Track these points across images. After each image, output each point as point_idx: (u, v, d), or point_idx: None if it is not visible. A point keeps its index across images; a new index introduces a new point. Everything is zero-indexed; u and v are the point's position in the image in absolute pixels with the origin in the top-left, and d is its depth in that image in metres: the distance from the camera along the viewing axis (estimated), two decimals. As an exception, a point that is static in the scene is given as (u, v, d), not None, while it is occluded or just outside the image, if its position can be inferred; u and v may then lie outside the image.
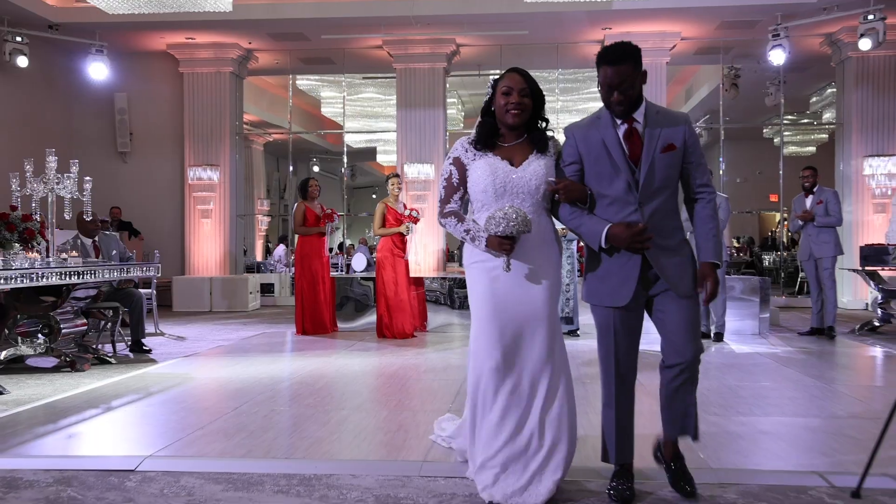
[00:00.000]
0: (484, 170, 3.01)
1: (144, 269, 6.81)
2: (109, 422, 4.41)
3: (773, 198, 18.19)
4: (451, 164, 3.12)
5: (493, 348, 2.92)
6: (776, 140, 15.86)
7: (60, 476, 3.27)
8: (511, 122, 3.01)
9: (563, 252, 7.80)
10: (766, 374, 5.75)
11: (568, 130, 3.05)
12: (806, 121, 17.38)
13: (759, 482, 3.15)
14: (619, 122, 2.92)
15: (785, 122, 16.54)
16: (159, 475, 3.28)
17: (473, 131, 3.11)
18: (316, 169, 20.96)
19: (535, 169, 3.00)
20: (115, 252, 7.23)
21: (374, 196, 22.41)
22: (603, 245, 2.89)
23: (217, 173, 12.34)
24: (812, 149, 17.75)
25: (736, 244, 17.69)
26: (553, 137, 3.13)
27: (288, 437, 3.99)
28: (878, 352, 7.11)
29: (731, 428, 4.07)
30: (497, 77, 3.09)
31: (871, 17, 9.86)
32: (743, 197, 17.63)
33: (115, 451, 3.78)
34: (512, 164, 3.01)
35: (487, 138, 3.06)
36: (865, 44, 9.98)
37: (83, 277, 5.74)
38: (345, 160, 14.43)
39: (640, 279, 2.90)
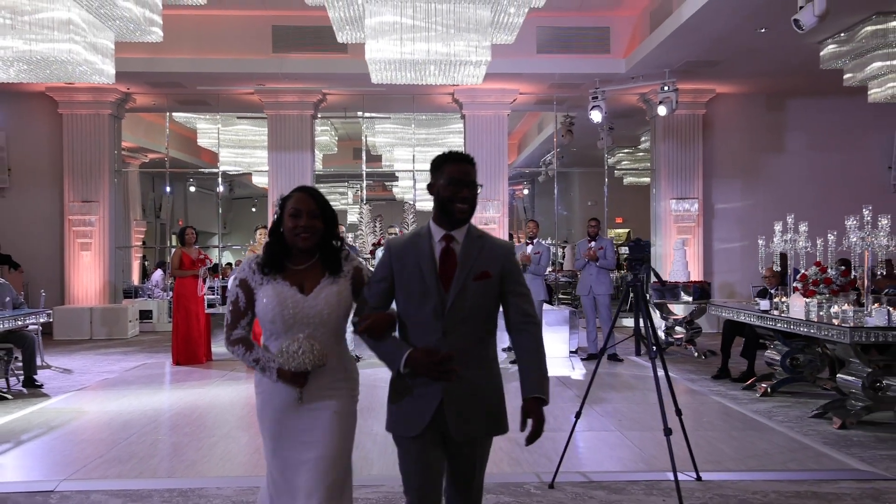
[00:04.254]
0: (272, 298, 2.79)
1: (37, 316, 7.96)
2: (24, 453, 5.58)
3: (619, 220, 20.66)
4: (237, 286, 2.89)
5: (282, 479, 2.81)
6: (616, 172, 18.30)
7: (-3, 498, 4.48)
8: (301, 247, 2.83)
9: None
10: (551, 397, 7.42)
11: (388, 243, 2.90)
12: (641, 154, 19.78)
13: (494, 481, 4.73)
14: (437, 239, 2.78)
15: (621, 154, 19.03)
16: (74, 493, 4.54)
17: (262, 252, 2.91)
18: (192, 189, 21.72)
19: (327, 296, 2.82)
20: (8, 299, 8.17)
21: (253, 209, 23.21)
22: (401, 370, 2.69)
23: (96, 208, 13.15)
24: (647, 179, 20.15)
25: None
26: (348, 254, 2.95)
27: (170, 461, 5.32)
28: (649, 372, 8.96)
29: (502, 444, 5.61)
30: (285, 196, 2.89)
31: (666, 88, 11.95)
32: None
33: (35, 476, 5.00)
34: (302, 291, 2.81)
35: (276, 261, 2.85)
36: (662, 110, 12.07)
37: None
38: (220, 181, 15.41)
39: (438, 410, 2.71)
